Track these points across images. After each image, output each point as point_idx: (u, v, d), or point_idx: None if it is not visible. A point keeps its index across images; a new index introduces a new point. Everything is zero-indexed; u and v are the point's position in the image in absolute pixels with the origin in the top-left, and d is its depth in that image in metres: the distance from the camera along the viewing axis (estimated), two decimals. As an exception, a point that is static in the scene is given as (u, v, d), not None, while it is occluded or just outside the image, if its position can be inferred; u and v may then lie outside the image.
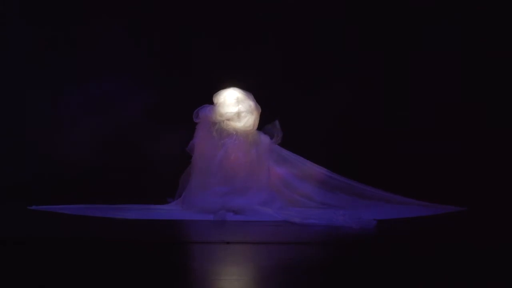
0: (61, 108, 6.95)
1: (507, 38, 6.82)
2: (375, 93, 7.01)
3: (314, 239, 4.75)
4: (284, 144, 6.18)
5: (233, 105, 5.99)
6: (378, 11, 7.02)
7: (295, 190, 6.11)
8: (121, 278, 3.44)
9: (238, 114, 5.98)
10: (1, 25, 6.91)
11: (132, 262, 3.81)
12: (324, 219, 5.22)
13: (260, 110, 6.04)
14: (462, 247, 4.40)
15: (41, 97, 6.90)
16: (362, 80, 6.98)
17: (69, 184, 6.60)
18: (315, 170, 6.19)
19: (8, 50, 6.91)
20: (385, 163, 6.80)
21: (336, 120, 6.91)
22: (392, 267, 3.78)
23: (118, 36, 6.98)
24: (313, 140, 6.82)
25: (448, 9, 6.91)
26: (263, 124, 6.14)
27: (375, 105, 7.00)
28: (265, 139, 6.10)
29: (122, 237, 4.71)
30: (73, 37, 6.97)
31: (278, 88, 6.85)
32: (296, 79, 7.02)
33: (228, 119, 5.98)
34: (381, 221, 5.25)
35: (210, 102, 6.03)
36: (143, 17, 7.01)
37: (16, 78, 6.91)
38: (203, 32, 6.98)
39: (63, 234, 4.81)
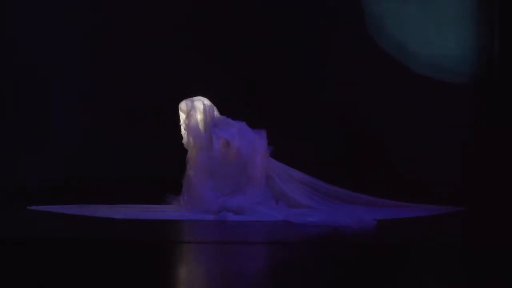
0: (60, 108, 6.95)
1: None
2: (374, 93, 7.00)
3: (314, 239, 4.75)
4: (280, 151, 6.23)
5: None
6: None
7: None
8: (121, 278, 3.44)
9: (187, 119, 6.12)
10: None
11: (132, 262, 3.81)
12: (324, 219, 5.22)
13: (190, 103, 6.14)
14: (462, 247, 4.40)
15: (41, 97, 6.90)
16: (356, 81, 6.98)
17: (69, 184, 6.60)
18: (307, 180, 6.21)
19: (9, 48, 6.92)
20: (385, 163, 6.80)
21: (335, 120, 6.91)
22: (392, 267, 3.78)
23: (119, 37, 6.99)
24: (312, 142, 6.84)
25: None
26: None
27: (374, 105, 6.99)
28: (260, 139, 6.10)
29: (122, 237, 4.71)
30: (73, 39, 6.98)
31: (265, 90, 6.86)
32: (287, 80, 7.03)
33: (195, 125, 6.08)
34: (381, 221, 5.25)
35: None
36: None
37: (16, 77, 6.92)
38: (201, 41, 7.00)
39: (63, 234, 4.81)
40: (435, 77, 6.84)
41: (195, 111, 6.13)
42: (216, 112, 6.19)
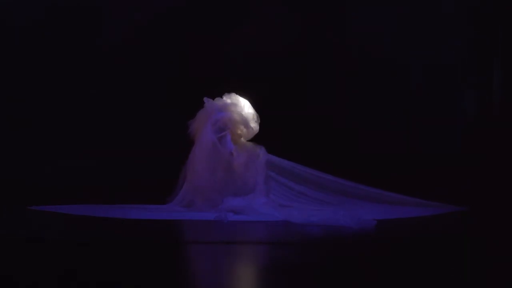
0: (61, 107, 6.95)
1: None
2: (374, 93, 7.01)
3: (313, 239, 4.75)
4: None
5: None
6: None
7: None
8: (121, 278, 3.44)
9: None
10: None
11: (132, 262, 3.81)
12: (324, 219, 5.22)
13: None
14: (462, 247, 4.40)
15: (41, 97, 6.91)
16: (358, 79, 6.98)
17: (69, 184, 6.60)
18: (309, 173, 6.20)
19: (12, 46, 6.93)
20: (385, 162, 6.80)
21: (335, 120, 6.92)
22: (392, 267, 3.78)
23: (116, 37, 6.99)
24: (315, 139, 6.85)
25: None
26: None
27: (373, 105, 7.00)
28: (259, 156, 6.12)
29: (122, 237, 4.71)
30: (74, 40, 6.99)
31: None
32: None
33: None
34: (381, 221, 5.25)
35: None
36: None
37: (17, 76, 6.92)
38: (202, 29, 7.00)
39: (63, 234, 4.81)
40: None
41: (243, 104, 6.10)
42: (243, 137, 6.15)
